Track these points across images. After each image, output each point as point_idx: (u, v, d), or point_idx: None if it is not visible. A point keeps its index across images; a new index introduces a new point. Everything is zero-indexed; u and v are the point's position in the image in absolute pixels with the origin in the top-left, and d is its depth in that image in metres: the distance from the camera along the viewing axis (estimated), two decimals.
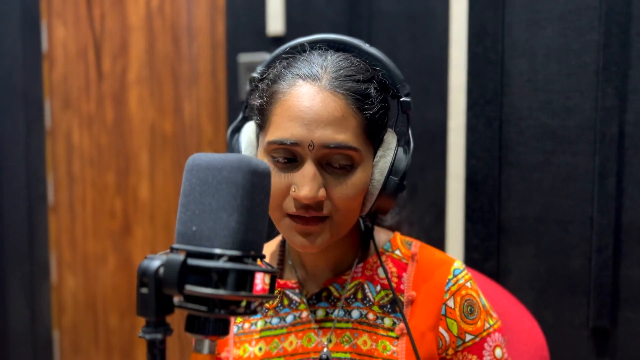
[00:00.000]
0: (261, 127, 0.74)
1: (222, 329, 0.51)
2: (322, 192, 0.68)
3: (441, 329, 0.76)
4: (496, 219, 1.22)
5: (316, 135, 0.67)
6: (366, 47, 0.75)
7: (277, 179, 0.69)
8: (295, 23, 1.41)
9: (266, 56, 1.44)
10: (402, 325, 0.75)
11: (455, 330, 0.76)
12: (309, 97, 0.68)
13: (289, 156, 0.69)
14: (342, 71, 0.70)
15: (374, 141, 0.73)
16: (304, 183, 0.67)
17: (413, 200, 1.30)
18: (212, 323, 0.50)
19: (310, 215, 0.69)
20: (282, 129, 0.68)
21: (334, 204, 0.69)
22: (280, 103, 0.70)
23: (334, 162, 0.69)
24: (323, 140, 0.67)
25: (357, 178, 0.70)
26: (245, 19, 1.47)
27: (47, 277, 1.88)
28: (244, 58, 1.47)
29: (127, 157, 1.75)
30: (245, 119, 0.82)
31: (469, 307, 0.77)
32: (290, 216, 0.70)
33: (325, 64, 0.70)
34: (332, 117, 0.67)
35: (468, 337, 0.76)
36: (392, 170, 0.72)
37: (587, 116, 1.14)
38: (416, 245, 0.82)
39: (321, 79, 0.69)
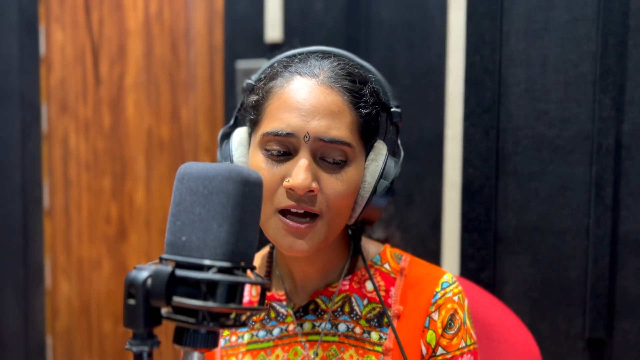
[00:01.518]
0: (255, 123, 0.73)
1: (212, 342, 0.50)
2: (315, 184, 0.67)
3: (421, 342, 0.75)
4: (492, 228, 1.21)
5: (312, 126, 0.67)
6: (359, 60, 0.77)
7: (270, 171, 0.68)
8: (294, 30, 1.41)
9: (264, 62, 1.44)
10: (387, 343, 0.74)
11: (433, 343, 0.75)
12: (307, 90, 0.69)
13: (283, 149, 0.69)
14: (338, 71, 0.71)
15: (367, 143, 0.74)
16: (298, 172, 0.66)
17: (409, 209, 1.30)
18: (201, 335, 0.49)
19: (301, 209, 0.68)
20: (278, 120, 0.68)
21: (326, 199, 0.68)
22: (277, 97, 0.70)
23: (327, 157, 0.69)
24: (318, 132, 0.67)
25: (350, 175, 0.70)
26: (244, 25, 1.47)
27: (41, 282, 1.87)
28: (242, 64, 1.47)
29: (124, 162, 1.74)
30: (236, 125, 0.82)
31: (450, 322, 0.75)
32: (281, 213, 0.69)
33: (322, 65, 0.72)
34: (328, 110, 0.68)
35: (440, 351, 0.75)
36: (383, 174, 0.72)
37: (583, 126, 1.14)
38: (406, 259, 0.81)
39: (318, 75, 0.70)
